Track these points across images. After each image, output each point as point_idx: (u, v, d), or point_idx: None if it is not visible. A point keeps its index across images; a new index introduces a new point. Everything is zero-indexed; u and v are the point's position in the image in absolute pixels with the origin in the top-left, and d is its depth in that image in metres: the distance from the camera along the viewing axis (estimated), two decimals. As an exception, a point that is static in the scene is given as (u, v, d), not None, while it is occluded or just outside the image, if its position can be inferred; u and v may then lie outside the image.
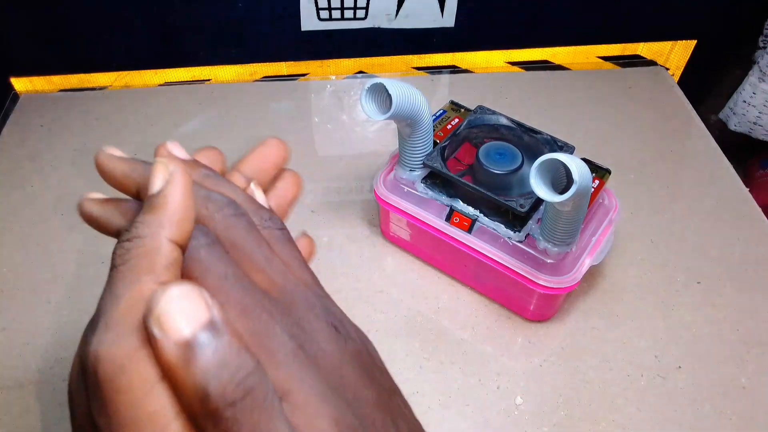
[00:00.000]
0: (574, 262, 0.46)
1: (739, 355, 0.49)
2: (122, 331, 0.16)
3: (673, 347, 0.49)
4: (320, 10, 0.70)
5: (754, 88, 0.81)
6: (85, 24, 0.69)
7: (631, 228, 0.58)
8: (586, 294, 0.52)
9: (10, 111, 0.71)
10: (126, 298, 0.17)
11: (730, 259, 0.55)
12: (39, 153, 0.66)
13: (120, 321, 0.17)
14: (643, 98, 0.73)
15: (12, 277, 0.54)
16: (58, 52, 0.71)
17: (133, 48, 0.73)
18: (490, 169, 0.46)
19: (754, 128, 0.85)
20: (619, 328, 0.50)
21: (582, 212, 0.43)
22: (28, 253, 0.56)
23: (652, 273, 0.54)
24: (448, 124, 0.53)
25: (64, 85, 0.75)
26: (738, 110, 0.84)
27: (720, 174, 0.64)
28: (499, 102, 0.72)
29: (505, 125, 0.51)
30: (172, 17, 0.70)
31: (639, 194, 0.61)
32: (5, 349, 0.49)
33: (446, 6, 0.72)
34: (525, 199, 0.44)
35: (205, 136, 0.68)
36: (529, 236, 0.46)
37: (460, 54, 0.77)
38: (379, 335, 0.49)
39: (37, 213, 0.59)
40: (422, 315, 0.51)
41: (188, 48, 0.73)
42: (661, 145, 0.67)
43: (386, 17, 0.72)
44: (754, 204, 0.61)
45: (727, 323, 0.51)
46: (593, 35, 0.77)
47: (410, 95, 0.43)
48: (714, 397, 0.46)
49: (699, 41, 0.77)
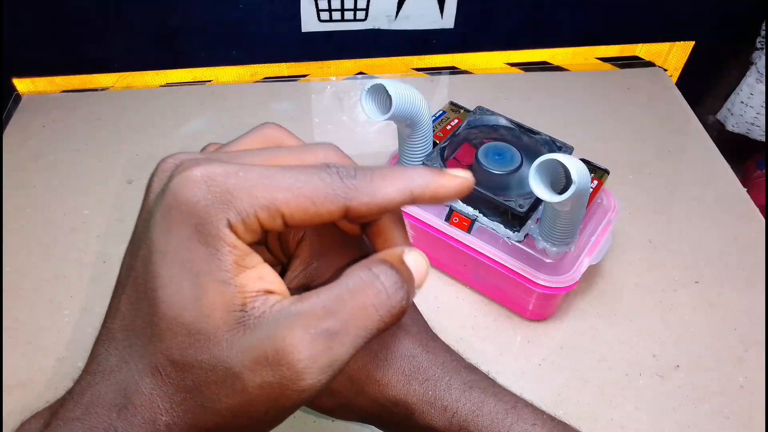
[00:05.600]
0: (572, 262, 0.46)
1: (737, 354, 0.49)
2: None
3: (671, 346, 0.49)
4: (320, 11, 0.71)
5: (751, 89, 0.82)
6: (86, 25, 0.69)
7: (629, 228, 0.58)
8: (585, 293, 0.53)
9: (13, 111, 0.71)
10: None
11: (728, 258, 0.56)
12: (41, 153, 0.66)
13: None
14: (641, 99, 0.73)
15: (15, 276, 0.54)
16: (60, 53, 0.72)
17: (134, 49, 0.73)
18: (490, 170, 0.47)
19: (751, 129, 0.85)
20: (617, 327, 0.51)
21: (581, 212, 0.43)
22: (30, 253, 0.56)
23: (650, 273, 0.55)
24: (447, 125, 0.53)
25: (66, 86, 0.75)
26: (736, 111, 0.85)
27: (718, 174, 0.64)
28: (499, 103, 0.72)
29: (504, 126, 0.52)
30: (174, 19, 0.70)
31: (637, 194, 0.62)
32: (8, 348, 0.49)
33: (446, 7, 0.72)
34: (524, 200, 0.45)
35: (206, 137, 0.69)
36: (528, 236, 0.47)
37: (459, 55, 0.78)
38: (380, 334, 0.49)
39: (40, 213, 0.59)
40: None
41: (189, 49, 0.74)
42: (659, 146, 0.67)
43: (386, 18, 0.73)
44: (751, 204, 0.61)
45: (725, 322, 0.51)
46: (592, 36, 0.77)
47: (410, 96, 0.44)
48: (712, 396, 0.46)
49: (697, 42, 0.77)
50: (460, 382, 0.24)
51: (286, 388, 0.18)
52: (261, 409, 0.18)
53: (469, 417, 0.23)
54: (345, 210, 0.19)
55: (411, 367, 0.24)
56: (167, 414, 0.18)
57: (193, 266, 0.18)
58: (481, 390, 0.24)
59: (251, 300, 0.18)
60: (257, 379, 0.18)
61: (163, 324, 0.18)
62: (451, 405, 0.23)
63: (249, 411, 0.18)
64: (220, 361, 0.18)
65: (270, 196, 0.18)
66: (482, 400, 0.24)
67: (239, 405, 0.18)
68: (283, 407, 0.18)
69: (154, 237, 0.18)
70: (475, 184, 0.47)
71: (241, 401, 0.18)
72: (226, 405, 0.18)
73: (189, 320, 0.18)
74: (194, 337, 0.18)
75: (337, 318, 0.18)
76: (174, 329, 0.18)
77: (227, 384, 0.18)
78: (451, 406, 0.23)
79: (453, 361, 0.25)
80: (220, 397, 0.18)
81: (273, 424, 0.20)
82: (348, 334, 0.18)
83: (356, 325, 0.18)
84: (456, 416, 0.23)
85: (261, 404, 0.18)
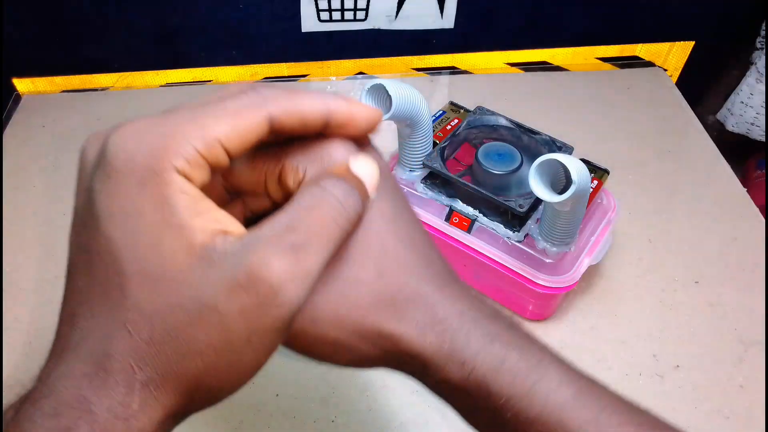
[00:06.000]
0: (572, 262, 0.46)
1: (736, 354, 0.49)
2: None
3: (671, 346, 0.49)
4: (320, 11, 0.71)
5: (751, 89, 0.82)
6: (87, 25, 0.69)
7: (629, 228, 0.58)
8: (585, 293, 0.53)
9: (13, 111, 0.71)
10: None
11: (728, 258, 0.56)
12: (41, 153, 0.66)
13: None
14: (641, 99, 0.73)
15: (15, 276, 0.54)
16: (60, 53, 0.72)
17: (134, 49, 0.73)
18: (490, 170, 0.47)
19: (751, 129, 0.85)
20: (617, 327, 0.51)
21: (581, 212, 0.43)
22: (30, 253, 0.56)
23: (650, 273, 0.55)
24: (447, 125, 0.53)
25: (66, 86, 0.75)
26: (736, 111, 0.85)
27: (718, 174, 0.64)
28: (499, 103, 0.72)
29: (504, 126, 0.52)
30: (174, 19, 0.70)
31: (637, 194, 0.62)
32: (8, 348, 0.49)
33: (446, 7, 0.72)
34: (524, 200, 0.45)
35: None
36: (528, 236, 0.47)
37: (459, 55, 0.78)
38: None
39: (40, 213, 0.59)
40: (422, 314, 0.51)
41: (189, 49, 0.74)
42: (659, 146, 0.67)
43: (386, 18, 0.73)
44: (751, 204, 0.61)
45: (725, 322, 0.51)
46: (592, 36, 0.77)
47: (410, 96, 0.44)
48: (712, 396, 0.46)
49: (697, 42, 0.77)
50: (481, 333, 0.22)
51: (264, 306, 0.18)
52: (243, 337, 0.18)
53: (489, 373, 0.21)
54: (269, 120, 0.20)
55: (426, 317, 0.22)
56: (142, 371, 0.18)
57: (146, 219, 0.18)
58: (503, 344, 0.22)
59: (210, 239, 0.18)
60: (234, 305, 0.18)
61: (126, 281, 0.18)
62: (469, 360, 0.21)
63: (231, 344, 0.18)
64: (192, 299, 0.18)
65: (201, 128, 0.19)
66: (504, 355, 0.21)
67: (219, 339, 0.18)
68: (264, 330, 0.18)
69: (100, 206, 0.18)
70: (475, 184, 0.47)
71: (221, 334, 0.18)
72: (205, 343, 0.18)
73: (152, 269, 0.18)
74: (161, 283, 0.18)
75: (300, 232, 0.18)
76: (139, 282, 0.18)
77: (203, 320, 0.18)
78: (470, 361, 0.21)
79: (473, 310, 0.22)
80: (198, 336, 0.18)
81: (259, 359, 0.19)
82: (313, 244, 0.19)
83: (320, 236, 0.19)
84: (474, 372, 0.21)
85: (242, 331, 0.18)
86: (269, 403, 0.46)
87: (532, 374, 0.21)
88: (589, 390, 0.22)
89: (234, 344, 0.18)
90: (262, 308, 0.18)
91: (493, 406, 0.21)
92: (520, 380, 0.21)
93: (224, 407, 0.48)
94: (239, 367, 0.19)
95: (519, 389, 0.21)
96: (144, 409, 0.18)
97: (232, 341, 0.18)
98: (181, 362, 0.18)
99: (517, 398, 0.21)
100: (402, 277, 0.22)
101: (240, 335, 0.18)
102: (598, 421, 0.21)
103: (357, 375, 0.47)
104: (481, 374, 0.21)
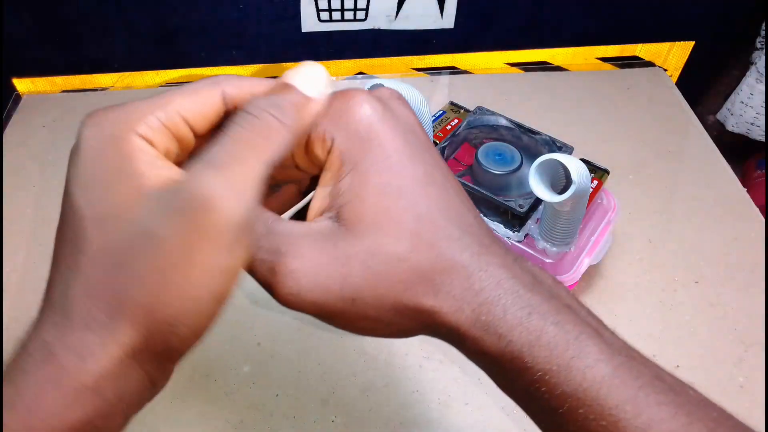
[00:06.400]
0: (572, 262, 0.46)
1: (737, 354, 0.49)
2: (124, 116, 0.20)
3: (671, 346, 0.49)
4: (320, 11, 0.71)
5: (751, 89, 0.82)
6: (87, 25, 0.69)
7: (629, 228, 0.58)
8: (585, 293, 0.53)
9: (13, 112, 0.71)
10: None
11: (728, 258, 0.56)
12: (41, 153, 0.66)
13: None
14: (641, 99, 0.73)
15: (15, 277, 0.54)
16: (60, 53, 0.72)
17: (134, 49, 0.73)
18: (490, 170, 0.47)
19: (751, 129, 0.85)
20: (617, 327, 0.50)
21: (580, 212, 0.43)
22: (30, 254, 0.56)
23: (650, 273, 0.55)
24: (447, 125, 0.53)
25: (66, 86, 0.75)
26: (736, 111, 0.85)
27: (718, 174, 0.64)
28: (499, 103, 0.73)
29: (504, 126, 0.52)
30: (174, 19, 0.70)
31: (637, 194, 0.62)
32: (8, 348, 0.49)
33: (446, 7, 0.72)
34: (524, 200, 0.45)
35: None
36: (528, 236, 0.47)
37: (459, 55, 0.78)
38: (380, 334, 0.49)
39: (40, 213, 0.59)
40: (422, 314, 0.51)
41: (189, 49, 0.74)
42: (659, 146, 0.67)
43: (386, 18, 0.73)
44: (751, 204, 0.61)
45: (725, 322, 0.51)
46: (592, 36, 0.77)
47: (410, 96, 0.44)
48: (712, 396, 0.46)
49: (697, 42, 0.77)
50: (519, 306, 0.21)
51: (200, 223, 0.18)
52: (185, 258, 0.18)
53: (525, 348, 0.21)
54: (222, 95, 0.21)
55: (463, 289, 0.21)
56: (97, 309, 0.18)
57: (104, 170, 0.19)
58: (541, 315, 0.21)
59: (161, 184, 0.19)
60: (171, 227, 0.18)
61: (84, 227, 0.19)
62: (506, 333, 0.21)
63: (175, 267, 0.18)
64: (136, 231, 0.18)
65: (162, 104, 0.21)
66: (541, 328, 0.21)
67: (162, 263, 0.18)
68: (206, 248, 0.18)
69: (69, 175, 0.20)
70: (475, 184, 0.47)
71: (162, 258, 0.18)
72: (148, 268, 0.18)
73: (105, 210, 0.19)
74: (110, 221, 0.19)
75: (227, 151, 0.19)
76: (93, 225, 0.19)
77: (144, 246, 0.18)
78: (507, 334, 0.21)
79: (511, 278, 0.22)
80: (141, 264, 0.18)
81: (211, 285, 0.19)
82: (241, 158, 0.19)
83: (247, 150, 0.19)
84: (511, 345, 0.21)
85: (182, 252, 0.18)
86: (269, 403, 0.46)
87: (569, 349, 0.21)
88: (629, 366, 0.21)
89: (178, 267, 0.18)
90: (198, 225, 0.18)
91: (529, 379, 0.21)
92: (557, 355, 0.20)
93: (224, 407, 0.48)
94: (191, 293, 0.18)
95: (555, 364, 0.20)
96: (102, 347, 0.18)
97: (176, 264, 0.18)
98: (128, 292, 0.18)
99: (553, 373, 0.20)
100: (437, 247, 0.21)
101: (181, 256, 0.18)
102: (636, 399, 0.20)
103: (357, 375, 0.48)
104: (517, 348, 0.21)
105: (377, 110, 0.22)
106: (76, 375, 0.18)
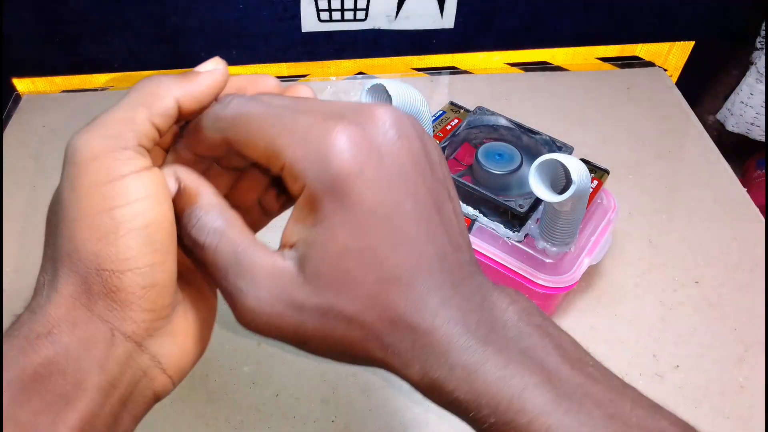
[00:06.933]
0: (572, 262, 0.46)
1: (736, 354, 0.49)
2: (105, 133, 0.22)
3: (671, 347, 0.49)
4: (320, 11, 0.71)
5: (751, 89, 0.82)
6: (86, 25, 0.70)
7: (629, 228, 0.58)
8: (585, 293, 0.53)
9: (13, 111, 0.71)
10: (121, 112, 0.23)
11: (728, 258, 0.56)
12: (41, 153, 0.66)
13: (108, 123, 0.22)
14: (641, 99, 0.73)
15: (15, 277, 0.54)
16: (60, 53, 0.72)
17: (134, 49, 0.73)
18: (490, 170, 0.47)
19: (751, 129, 0.85)
20: (617, 327, 0.51)
21: (580, 212, 0.43)
22: (30, 254, 0.56)
23: (650, 273, 0.55)
24: (447, 125, 0.53)
25: (65, 86, 0.75)
26: (735, 111, 0.85)
27: (718, 174, 0.64)
28: (499, 103, 0.73)
29: (504, 126, 0.52)
30: (174, 18, 0.70)
31: (637, 194, 0.62)
32: (8, 348, 0.49)
33: (446, 7, 0.72)
34: (524, 200, 0.45)
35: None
36: (528, 236, 0.47)
37: (459, 55, 0.78)
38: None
39: (40, 213, 0.59)
40: (422, 314, 0.51)
41: (189, 49, 0.74)
42: (659, 146, 0.67)
43: (386, 18, 0.73)
44: (751, 204, 0.61)
45: (725, 323, 0.51)
46: (592, 36, 0.77)
47: (410, 96, 0.44)
48: (712, 396, 0.47)
49: (697, 42, 0.77)
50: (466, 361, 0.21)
51: (75, 166, 0.21)
52: (81, 201, 0.21)
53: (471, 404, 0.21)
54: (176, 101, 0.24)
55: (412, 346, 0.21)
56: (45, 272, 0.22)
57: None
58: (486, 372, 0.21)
59: None
60: (63, 178, 0.22)
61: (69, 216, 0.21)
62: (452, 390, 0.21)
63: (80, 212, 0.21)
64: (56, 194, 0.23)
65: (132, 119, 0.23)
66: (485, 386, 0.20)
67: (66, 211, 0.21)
68: (88, 188, 0.21)
69: (64, 195, 0.22)
70: (475, 184, 0.47)
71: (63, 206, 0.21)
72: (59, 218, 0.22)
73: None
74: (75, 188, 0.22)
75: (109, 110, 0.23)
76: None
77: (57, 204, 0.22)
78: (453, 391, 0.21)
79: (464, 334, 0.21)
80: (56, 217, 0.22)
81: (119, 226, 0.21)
82: (118, 111, 0.22)
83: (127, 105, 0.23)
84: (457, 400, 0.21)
85: (74, 195, 0.21)
86: (269, 403, 0.46)
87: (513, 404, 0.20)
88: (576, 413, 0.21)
89: (77, 211, 0.21)
90: (71, 171, 0.21)
91: (479, 428, 0.21)
92: (501, 412, 0.20)
93: (224, 407, 0.48)
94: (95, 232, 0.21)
95: (500, 420, 0.20)
96: (47, 299, 0.21)
97: (81, 209, 0.21)
98: (55, 245, 0.21)
99: (499, 426, 0.20)
100: (392, 308, 0.21)
101: (73, 201, 0.21)
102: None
103: (357, 375, 0.48)
104: (463, 404, 0.21)
105: (359, 154, 0.20)
106: (29, 326, 0.21)
